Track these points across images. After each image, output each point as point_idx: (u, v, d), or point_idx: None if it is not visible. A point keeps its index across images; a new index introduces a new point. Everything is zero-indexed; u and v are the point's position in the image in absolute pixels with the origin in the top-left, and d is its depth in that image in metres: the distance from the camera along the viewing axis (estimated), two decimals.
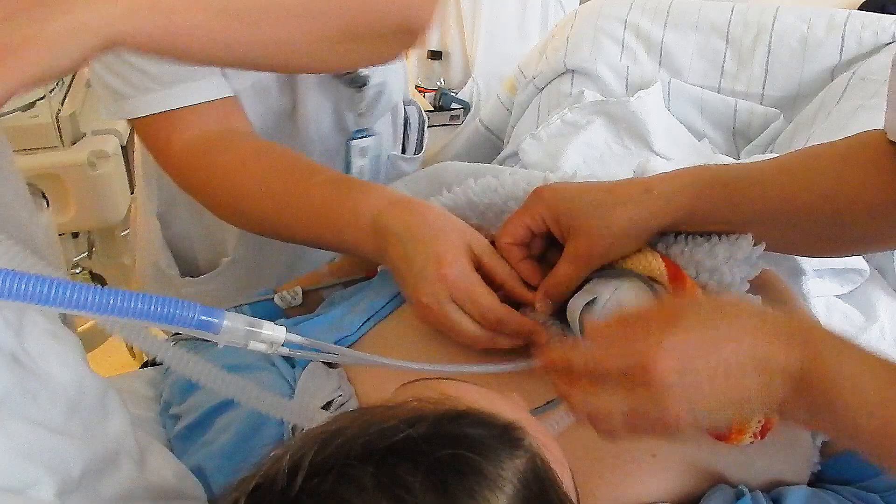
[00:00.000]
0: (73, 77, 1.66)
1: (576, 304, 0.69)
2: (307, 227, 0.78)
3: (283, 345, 0.53)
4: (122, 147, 1.62)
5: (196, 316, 0.48)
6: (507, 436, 0.44)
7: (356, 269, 0.90)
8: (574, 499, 0.48)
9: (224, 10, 0.57)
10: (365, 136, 1.05)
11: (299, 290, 0.87)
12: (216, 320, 0.49)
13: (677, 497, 0.63)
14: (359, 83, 0.98)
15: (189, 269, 1.15)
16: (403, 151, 1.23)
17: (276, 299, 0.87)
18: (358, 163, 1.05)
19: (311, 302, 0.88)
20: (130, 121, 0.87)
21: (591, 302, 0.68)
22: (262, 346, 0.52)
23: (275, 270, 1.07)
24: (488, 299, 0.69)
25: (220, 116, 0.85)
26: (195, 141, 0.84)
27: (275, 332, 0.52)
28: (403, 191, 0.84)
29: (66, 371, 0.54)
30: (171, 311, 0.47)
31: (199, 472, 0.67)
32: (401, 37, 0.72)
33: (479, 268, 0.71)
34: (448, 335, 0.70)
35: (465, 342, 0.69)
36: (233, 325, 0.50)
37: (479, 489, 0.40)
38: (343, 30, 0.66)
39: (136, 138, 1.01)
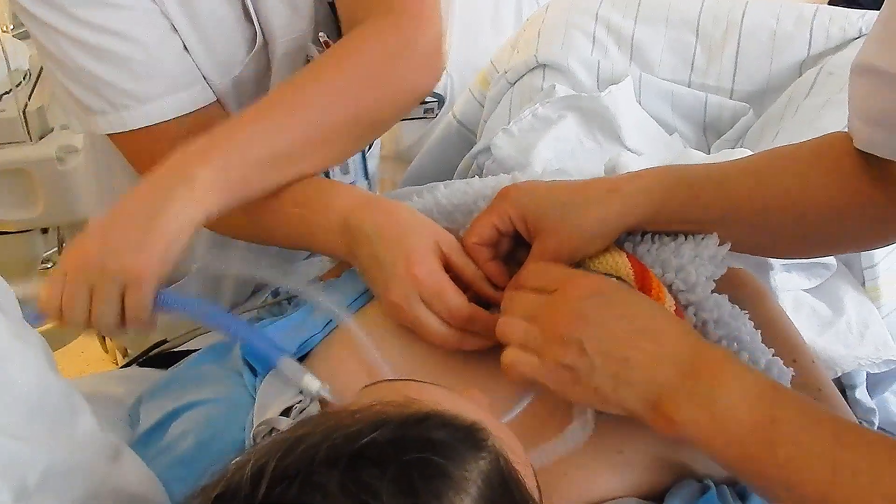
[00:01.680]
0: (41, 71, 1.64)
1: None
2: (279, 229, 0.79)
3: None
4: None
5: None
6: (471, 437, 0.44)
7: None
8: (537, 497, 0.49)
9: (272, 159, 0.74)
10: None
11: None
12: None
13: (643, 492, 0.64)
14: None
15: None
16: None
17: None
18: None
19: None
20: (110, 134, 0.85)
21: None
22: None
23: (235, 278, 1.06)
24: (456, 299, 0.69)
25: (202, 124, 0.83)
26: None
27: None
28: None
29: (28, 374, 0.53)
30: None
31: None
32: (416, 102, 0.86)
33: (448, 267, 0.71)
34: (418, 335, 0.70)
35: (435, 342, 0.69)
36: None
37: (445, 491, 0.41)
38: (369, 127, 0.84)
39: (84, 156, 1.00)
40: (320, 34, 0.92)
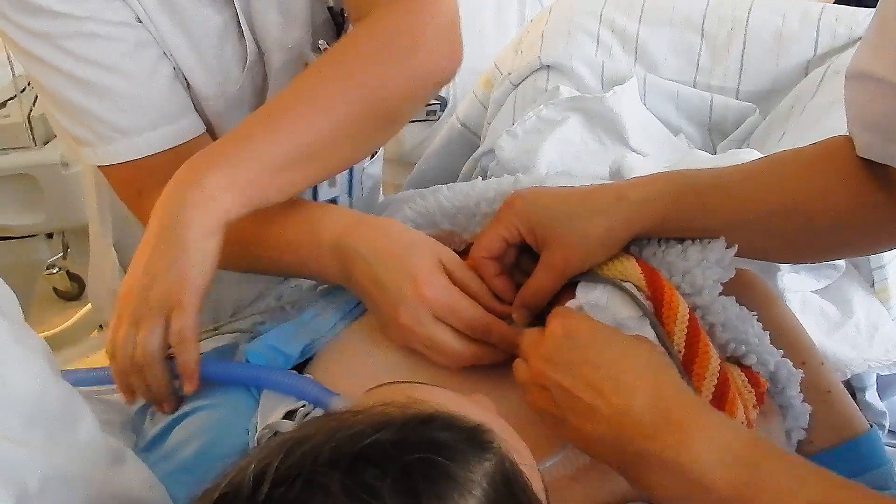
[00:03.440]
0: None
1: None
2: (270, 256, 0.77)
3: None
4: None
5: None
6: (475, 438, 0.44)
7: None
8: (544, 500, 0.48)
9: (287, 159, 0.71)
10: None
11: None
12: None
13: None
14: None
15: None
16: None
17: None
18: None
19: None
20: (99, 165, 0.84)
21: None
22: None
23: (231, 295, 1.05)
24: (472, 310, 0.68)
25: (188, 157, 0.83)
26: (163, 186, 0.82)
27: None
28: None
29: (27, 378, 0.53)
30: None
31: None
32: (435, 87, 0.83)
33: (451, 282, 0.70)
34: (430, 356, 0.68)
35: (450, 361, 0.68)
36: None
37: (449, 493, 0.40)
38: (387, 118, 0.79)
39: (84, 166, 0.99)
40: (320, 42, 0.91)
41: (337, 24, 0.91)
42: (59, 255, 1.91)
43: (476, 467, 0.42)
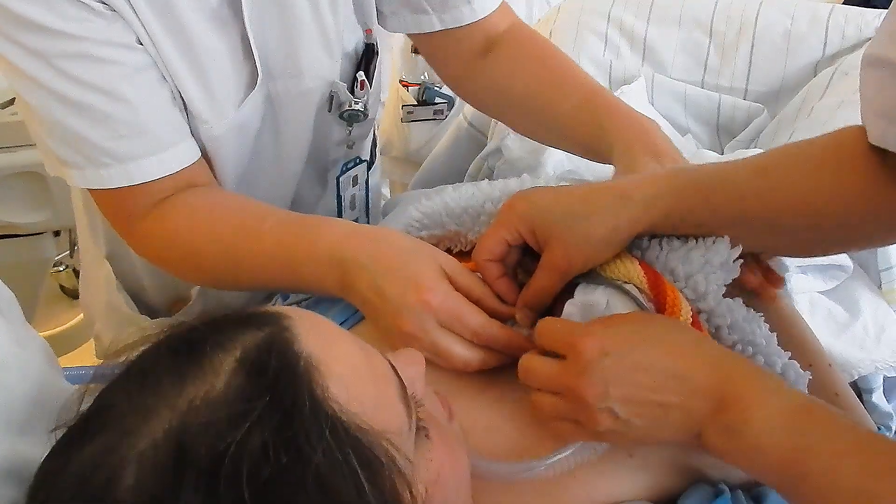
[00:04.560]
0: None
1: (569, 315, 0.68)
2: (265, 273, 0.76)
3: None
4: None
5: None
6: (251, 319, 0.47)
7: None
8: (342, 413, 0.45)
9: None
10: (354, 166, 1.01)
11: None
12: None
13: (655, 495, 0.63)
14: (357, 119, 0.94)
15: (141, 306, 1.08)
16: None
17: None
18: (349, 192, 1.03)
19: None
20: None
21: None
22: None
23: (239, 296, 1.03)
24: (477, 317, 0.67)
25: (180, 183, 0.81)
26: (154, 210, 0.80)
27: None
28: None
29: (26, 380, 0.53)
30: None
31: None
32: None
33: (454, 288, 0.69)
34: (437, 362, 0.67)
35: (455, 367, 0.67)
36: None
37: (205, 348, 0.44)
38: None
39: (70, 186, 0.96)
40: (358, 74, 0.90)
41: (367, 56, 0.91)
42: (66, 253, 1.91)
43: (239, 335, 0.45)
